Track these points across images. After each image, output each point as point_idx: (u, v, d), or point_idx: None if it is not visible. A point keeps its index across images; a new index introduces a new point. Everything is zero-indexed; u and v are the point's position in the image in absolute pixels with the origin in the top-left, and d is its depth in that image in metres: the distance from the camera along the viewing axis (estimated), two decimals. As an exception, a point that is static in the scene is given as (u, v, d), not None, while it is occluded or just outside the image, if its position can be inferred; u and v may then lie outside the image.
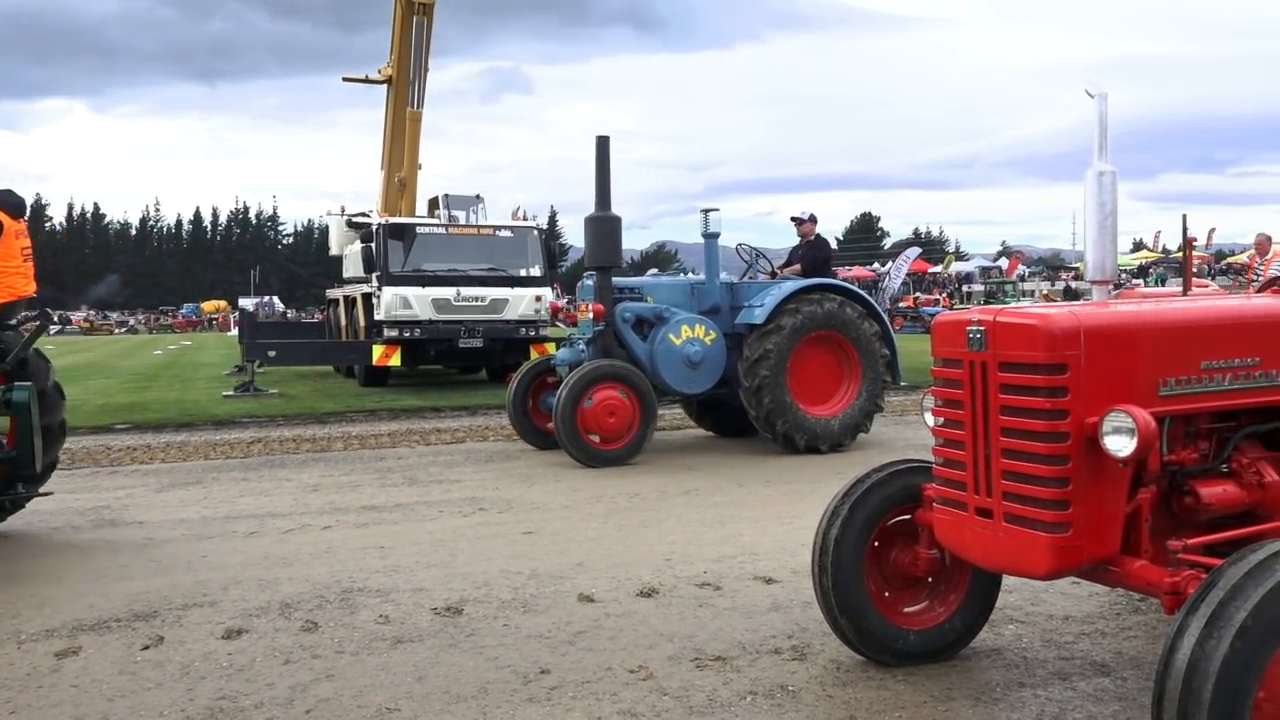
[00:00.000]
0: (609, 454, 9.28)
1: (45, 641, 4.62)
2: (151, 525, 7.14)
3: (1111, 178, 3.75)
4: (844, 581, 3.92)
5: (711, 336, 9.83)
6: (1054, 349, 3.22)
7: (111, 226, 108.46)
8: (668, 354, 9.70)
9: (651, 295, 10.26)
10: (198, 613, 5.02)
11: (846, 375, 10.05)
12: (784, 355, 9.56)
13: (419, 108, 20.45)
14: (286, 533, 6.84)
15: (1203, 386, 3.38)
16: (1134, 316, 3.44)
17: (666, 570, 5.63)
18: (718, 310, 10.14)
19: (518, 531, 6.74)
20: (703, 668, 4.12)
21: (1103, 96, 3.72)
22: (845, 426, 9.87)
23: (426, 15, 19.78)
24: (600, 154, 9.93)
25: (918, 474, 3.97)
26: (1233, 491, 3.43)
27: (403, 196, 20.64)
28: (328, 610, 5.02)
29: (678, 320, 9.83)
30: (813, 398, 9.87)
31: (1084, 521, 3.21)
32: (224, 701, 3.87)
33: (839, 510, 3.98)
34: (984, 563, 3.59)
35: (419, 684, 4.02)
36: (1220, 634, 2.56)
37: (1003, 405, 3.36)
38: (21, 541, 6.71)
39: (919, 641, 4.04)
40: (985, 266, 59.36)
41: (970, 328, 3.46)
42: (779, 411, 9.53)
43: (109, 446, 11.11)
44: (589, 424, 9.19)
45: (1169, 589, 3.02)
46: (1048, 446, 3.21)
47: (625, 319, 9.87)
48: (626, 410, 9.32)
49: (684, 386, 9.86)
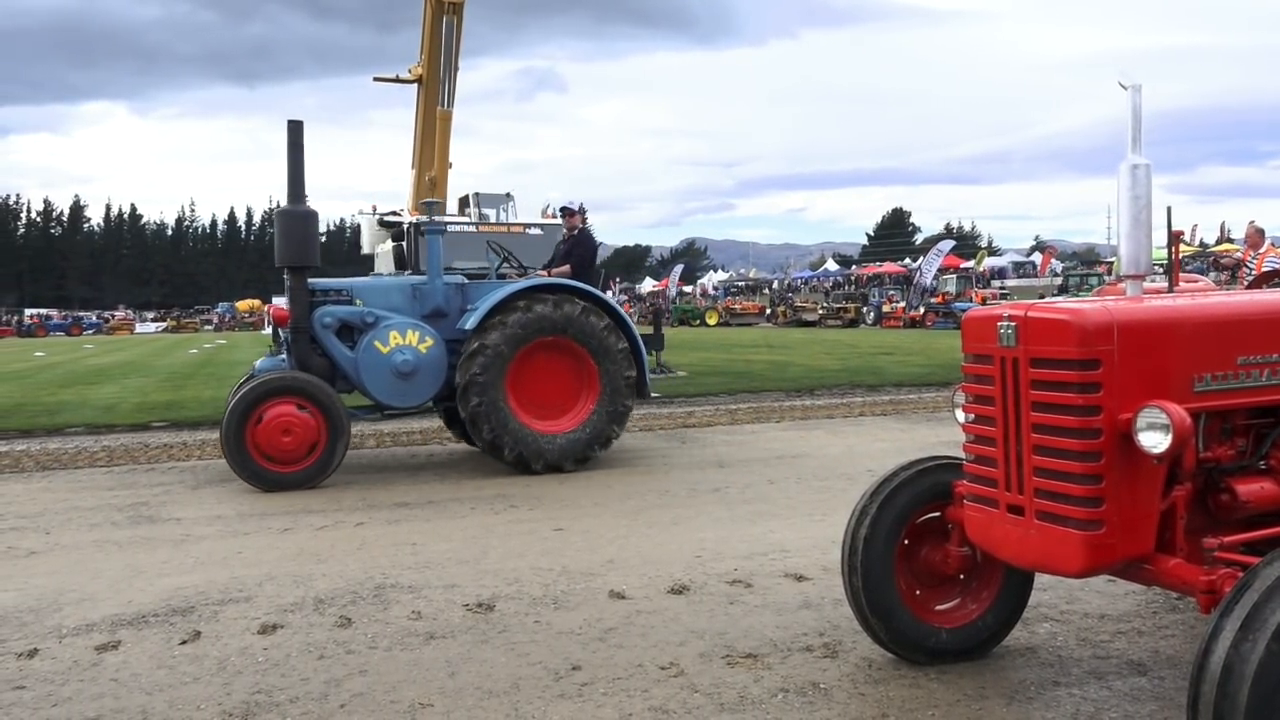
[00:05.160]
0: (286, 478, 8.29)
1: (85, 636, 4.70)
2: (188, 522, 7.24)
3: (1146, 171, 3.68)
4: (874, 581, 3.90)
5: (428, 343, 8.91)
6: (1087, 344, 3.16)
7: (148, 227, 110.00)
8: (373, 363, 8.80)
9: (362, 297, 9.23)
10: (234, 608, 5.08)
11: (583, 391, 9.08)
12: (501, 362, 8.70)
13: (449, 107, 20.57)
14: (320, 529, 6.91)
15: (1239, 382, 3.32)
16: (1169, 311, 3.38)
17: (697, 567, 5.63)
18: (443, 314, 9.21)
19: (548, 528, 6.76)
20: (734, 665, 4.12)
21: (1136, 88, 3.65)
22: (571, 447, 8.86)
23: (456, 15, 19.88)
24: (293, 141, 8.84)
25: (947, 471, 3.94)
26: (1271, 489, 3.37)
27: (433, 195, 20.75)
28: (361, 606, 5.06)
29: (386, 326, 8.90)
30: (540, 411, 8.96)
31: (1117, 519, 3.16)
32: (259, 696, 3.92)
33: (867, 509, 3.96)
34: (1016, 560, 3.53)
35: (451, 679, 4.05)
36: (1256, 635, 2.50)
37: (1034, 401, 3.31)
38: (62, 537, 6.83)
39: (951, 640, 4.02)
40: (1018, 262, 58.77)
41: (1001, 323, 3.40)
42: (488, 416, 8.64)
43: (147, 444, 11.27)
44: (261, 444, 8.23)
45: (1204, 588, 2.97)
46: (1080, 443, 3.16)
47: (326, 324, 8.90)
48: (307, 428, 8.32)
49: (394, 399, 8.96)
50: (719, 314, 57.21)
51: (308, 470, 8.39)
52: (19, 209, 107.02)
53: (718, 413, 13.27)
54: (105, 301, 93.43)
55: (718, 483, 8.24)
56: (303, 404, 8.38)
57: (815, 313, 51.61)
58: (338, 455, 8.48)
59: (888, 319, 46.31)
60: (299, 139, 8.87)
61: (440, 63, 20.17)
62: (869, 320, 48.76)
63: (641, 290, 77.21)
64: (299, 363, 8.85)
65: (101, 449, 10.99)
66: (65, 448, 11.13)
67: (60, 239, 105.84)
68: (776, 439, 10.68)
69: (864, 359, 21.93)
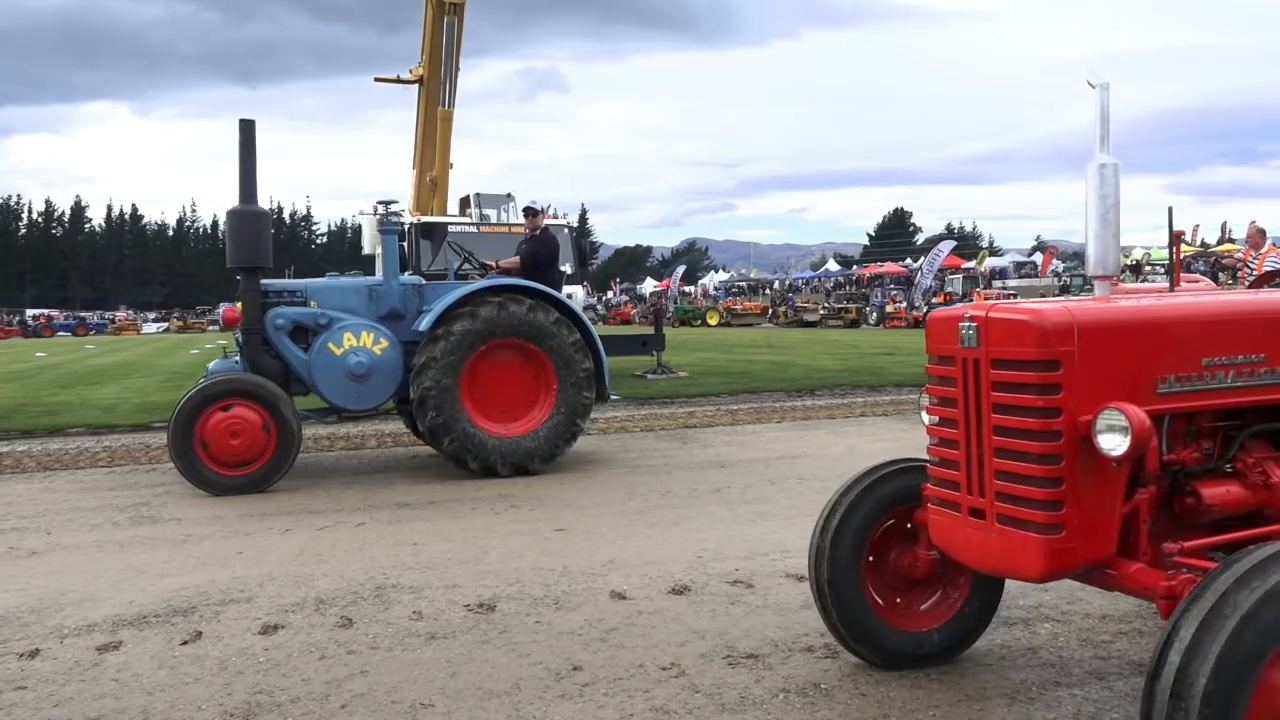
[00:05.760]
0: (235, 481, 8.21)
1: (87, 636, 4.70)
2: (189, 522, 7.24)
3: (1114, 170, 3.63)
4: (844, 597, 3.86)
5: (383, 345, 8.86)
6: (1046, 345, 3.11)
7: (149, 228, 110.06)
8: (327, 365, 8.75)
9: (317, 299, 9.16)
10: (235, 608, 5.08)
11: (542, 390, 9.01)
12: (456, 364, 8.61)
13: (450, 107, 20.53)
14: (321, 529, 6.91)
15: (1204, 384, 3.26)
16: (1132, 312, 3.33)
17: (698, 567, 5.63)
18: (400, 315, 9.15)
19: (549, 528, 6.76)
20: (735, 665, 4.12)
21: (1104, 87, 3.60)
22: (533, 448, 8.78)
23: (457, 15, 19.85)
24: (244, 141, 8.74)
25: (913, 474, 3.86)
26: (1237, 492, 3.31)
27: (434, 196, 20.75)
28: (362, 606, 5.06)
29: (341, 327, 8.84)
30: (499, 414, 8.87)
31: (1078, 522, 3.10)
32: (261, 696, 3.92)
33: (827, 526, 3.89)
34: (978, 565, 3.48)
35: (452, 680, 4.05)
36: (1211, 642, 2.45)
37: (995, 403, 3.25)
38: (63, 538, 6.83)
39: (910, 642, 3.96)
40: (1020, 262, 58.74)
41: (963, 324, 3.35)
42: (447, 428, 8.55)
43: (148, 445, 11.28)
44: (209, 447, 8.18)
45: (1164, 593, 2.92)
46: (1040, 445, 3.11)
47: (279, 326, 8.85)
48: (256, 431, 8.24)
49: (348, 401, 8.89)
50: (720, 314, 57.21)
51: (258, 473, 8.29)
52: (20, 209, 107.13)
53: (719, 413, 13.27)
54: (107, 302, 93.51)
55: (719, 483, 8.24)
56: (251, 406, 8.30)
57: (816, 313, 51.62)
58: (289, 458, 8.39)
59: (891, 319, 46.31)
60: (251, 138, 8.79)
61: (441, 63, 20.13)
62: (871, 320, 48.75)
63: (643, 291, 77.21)
64: (251, 365, 8.79)
65: (103, 449, 11.00)
66: (66, 448, 11.14)
67: (62, 239, 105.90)
68: (778, 439, 10.68)
69: (865, 359, 21.93)
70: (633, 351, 18.53)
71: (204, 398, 8.25)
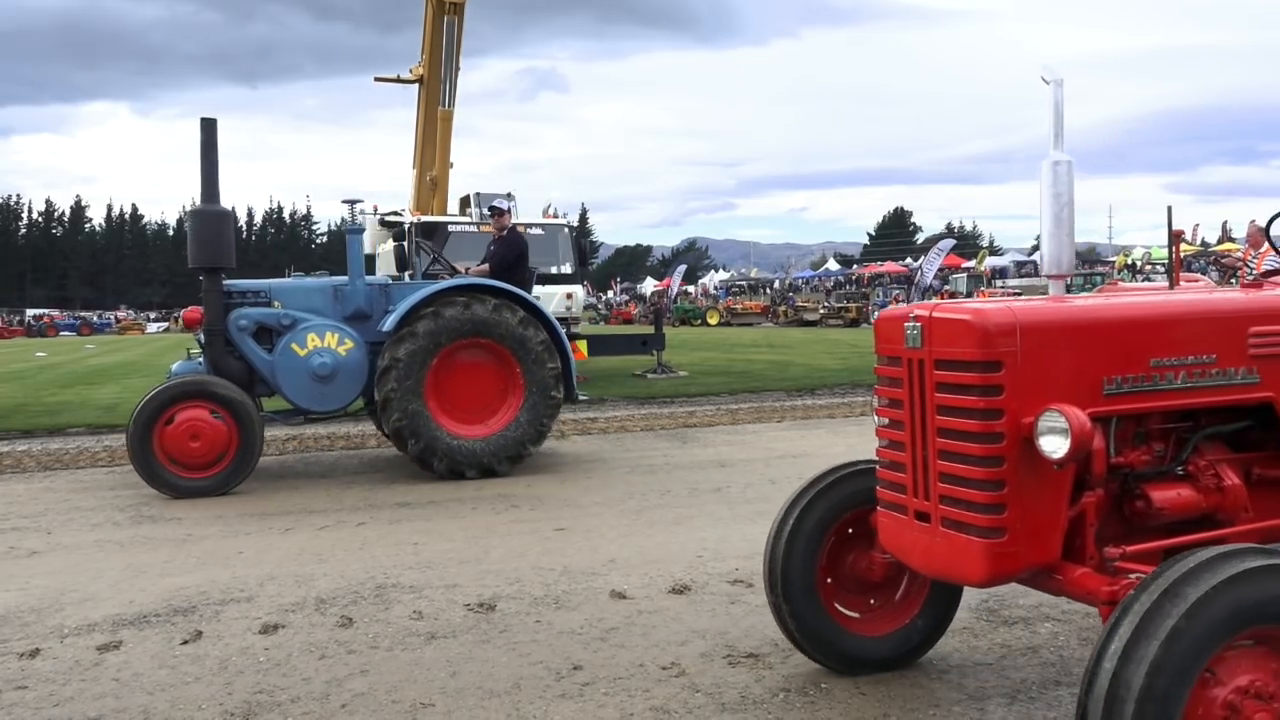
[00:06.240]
0: (196, 484, 8.14)
1: (87, 635, 4.70)
2: (190, 522, 7.24)
3: (1067, 168, 3.56)
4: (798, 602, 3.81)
5: (347, 345, 8.79)
6: (988, 345, 3.05)
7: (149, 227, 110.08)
8: (290, 366, 8.68)
9: (281, 299, 9.08)
10: (235, 608, 5.08)
11: (508, 391, 8.92)
12: (420, 365, 8.54)
13: (450, 107, 20.52)
14: (321, 529, 6.91)
15: (1153, 385, 3.20)
16: (1077, 312, 3.25)
17: (698, 567, 5.63)
18: (366, 316, 9.08)
19: (550, 528, 6.76)
20: (735, 665, 4.12)
21: (1058, 83, 3.54)
22: (499, 449, 8.69)
23: (457, 15, 19.84)
24: (206, 140, 8.65)
25: (869, 475, 3.78)
26: (1188, 495, 3.25)
27: (434, 195, 20.75)
28: (362, 606, 5.06)
29: (305, 328, 8.77)
30: (465, 415, 8.79)
31: (1021, 526, 3.03)
32: (261, 696, 3.92)
33: (781, 532, 3.84)
34: (923, 569, 3.42)
35: (452, 679, 4.05)
36: (1145, 647, 2.42)
37: (939, 405, 3.19)
38: (64, 537, 6.83)
39: (869, 647, 3.92)
40: (1020, 261, 58.73)
41: (908, 324, 3.29)
42: (411, 429, 8.49)
43: (148, 444, 11.26)
44: (169, 449, 8.12)
45: (1106, 598, 2.87)
46: (982, 448, 3.04)
47: (241, 326, 8.78)
48: (217, 433, 8.19)
49: (312, 403, 8.83)
50: (720, 314, 57.20)
51: (219, 476, 8.22)
52: (20, 209, 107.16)
53: (719, 412, 13.27)
54: (107, 302, 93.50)
55: (719, 482, 8.24)
56: (212, 408, 8.24)
57: (816, 312, 51.60)
58: (251, 461, 8.33)
59: (891, 319, 46.14)
60: (213, 137, 8.71)
61: (441, 63, 20.13)
62: (872, 319, 48.72)
63: (643, 290, 77.19)
64: (213, 366, 8.73)
65: (103, 449, 11.00)
66: (67, 448, 11.14)
67: (62, 239, 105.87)
68: (778, 439, 10.68)
69: (865, 359, 21.91)
70: (633, 351, 18.54)
71: (164, 400, 8.19)
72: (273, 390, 8.97)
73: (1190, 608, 2.45)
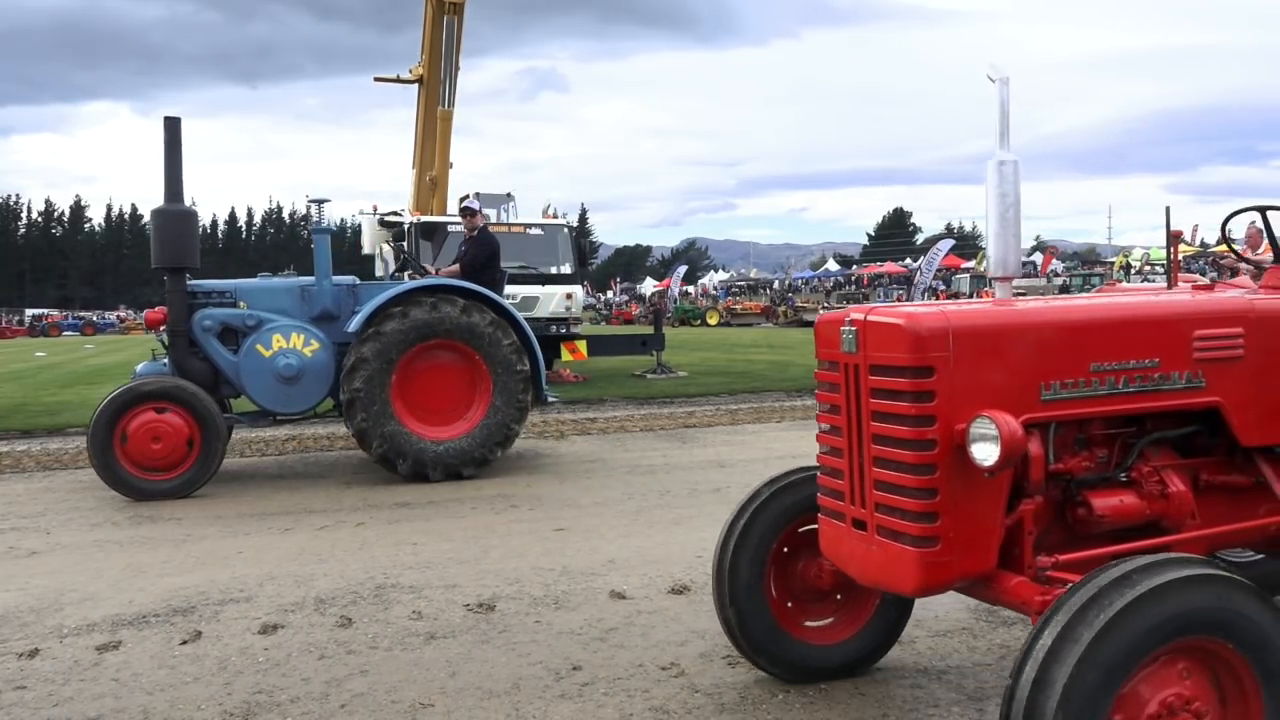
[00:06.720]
0: (158, 485, 8.07)
1: (86, 635, 4.70)
2: (189, 522, 7.24)
3: (1013, 167, 3.47)
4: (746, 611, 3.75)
5: (313, 347, 8.74)
6: (919, 350, 2.97)
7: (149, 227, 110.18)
8: (255, 367, 8.61)
9: (246, 300, 8.99)
10: (234, 608, 5.08)
11: (476, 393, 8.79)
12: (386, 366, 8.44)
13: (449, 107, 20.53)
14: (321, 529, 6.91)
15: (1093, 390, 3.11)
16: (1013, 316, 3.18)
17: (698, 567, 5.63)
18: (333, 316, 8.99)
19: (549, 528, 6.76)
20: (735, 665, 4.12)
21: (1004, 81, 3.47)
22: (465, 452, 8.59)
23: (456, 15, 19.84)
24: (170, 139, 8.62)
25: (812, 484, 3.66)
26: (1131, 501, 3.18)
27: (434, 195, 20.76)
28: (362, 606, 5.06)
29: (270, 329, 8.71)
30: (431, 417, 8.67)
31: (954, 535, 2.96)
32: (260, 696, 3.92)
33: (729, 538, 3.78)
34: (860, 577, 3.33)
35: (452, 680, 4.05)
36: (1066, 655, 2.37)
37: (874, 411, 3.11)
38: (63, 537, 6.83)
39: (819, 655, 3.88)
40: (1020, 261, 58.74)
41: (844, 328, 3.22)
42: (376, 430, 8.39)
43: (147, 444, 11.25)
44: (130, 451, 8.05)
45: (1039, 608, 2.81)
46: (914, 455, 2.97)
47: (206, 327, 8.72)
48: (179, 435, 8.10)
49: (278, 404, 8.77)
50: (720, 314, 57.20)
51: (182, 478, 8.13)
52: (20, 209, 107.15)
53: (718, 413, 13.27)
54: (106, 302, 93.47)
55: (719, 483, 8.24)
56: (173, 409, 8.15)
57: (816, 313, 51.51)
58: (213, 463, 8.24)
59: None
60: (177, 137, 8.64)
61: (441, 63, 20.13)
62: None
63: (643, 291, 77.20)
64: (177, 367, 8.67)
65: (102, 449, 10.97)
66: (66, 448, 11.13)
67: (62, 239, 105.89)
68: (777, 439, 10.68)
69: (865, 359, 21.87)
70: (632, 351, 18.55)
71: (125, 401, 8.11)
72: (239, 392, 8.92)
73: (1112, 618, 2.39)
